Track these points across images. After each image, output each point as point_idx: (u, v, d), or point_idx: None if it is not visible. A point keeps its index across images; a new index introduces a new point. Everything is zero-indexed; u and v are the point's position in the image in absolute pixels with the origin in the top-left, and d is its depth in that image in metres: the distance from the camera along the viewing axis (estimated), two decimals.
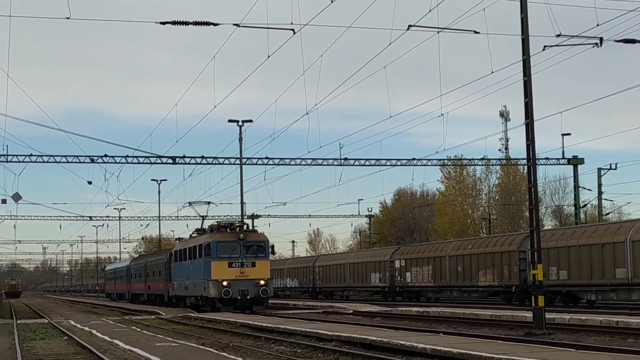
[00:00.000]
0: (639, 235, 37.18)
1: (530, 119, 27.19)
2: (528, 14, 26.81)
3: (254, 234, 46.43)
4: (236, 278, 41.82)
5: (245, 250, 43.00)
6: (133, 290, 76.54)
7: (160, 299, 61.37)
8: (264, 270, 43.49)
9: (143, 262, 71.48)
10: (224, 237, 44.08)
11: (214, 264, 42.32)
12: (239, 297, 41.31)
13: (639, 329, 25.61)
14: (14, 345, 25.02)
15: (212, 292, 41.86)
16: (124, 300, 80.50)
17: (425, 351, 18.70)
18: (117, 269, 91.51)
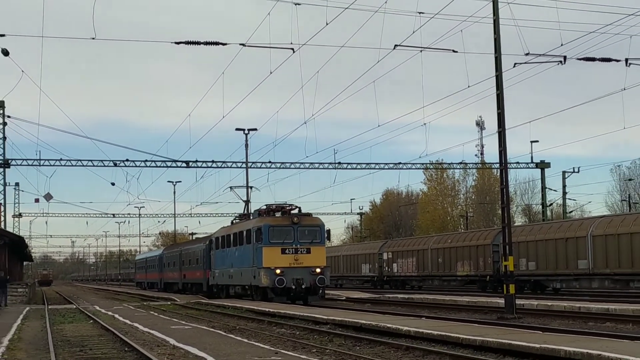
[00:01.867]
0: (598, 230, 37.23)
1: (502, 128, 27.21)
2: (500, 35, 26.87)
3: (308, 217, 37.30)
4: (290, 265, 34.53)
5: (300, 236, 35.25)
6: (166, 279, 68.25)
7: (197, 287, 54.07)
8: (319, 257, 35.64)
9: (178, 251, 62.79)
10: (277, 221, 36.30)
11: (266, 250, 34.76)
12: (294, 286, 34.11)
13: (599, 313, 25.68)
14: (45, 328, 24.99)
15: (263, 281, 34.49)
16: (155, 289, 73.06)
17: (409, 333, 18.73)
18: (147, 259, 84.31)
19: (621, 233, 35.69)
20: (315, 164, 59.63)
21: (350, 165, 60.46)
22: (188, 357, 15.99)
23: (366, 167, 61.06)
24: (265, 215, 37.91)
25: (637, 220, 36.45)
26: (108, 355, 17.21)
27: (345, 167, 60.49)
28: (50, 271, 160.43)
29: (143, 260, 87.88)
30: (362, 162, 61.05)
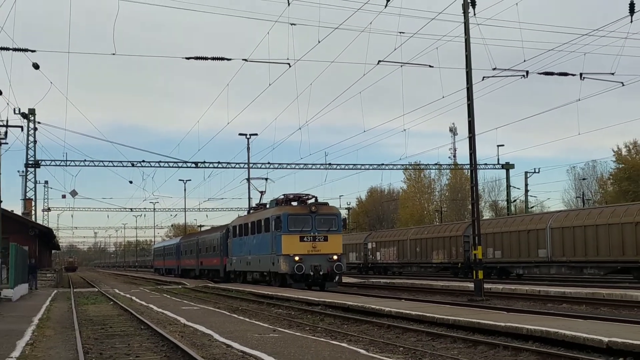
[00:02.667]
0: (556, 224, 37.33)
1: (472, 134, 27.23)
2: (471, 52, 26.89)
3: (325, 206, 34.43)
4: (308, 253, 31.87)
5: (317, 224, 32.52)
6: (183, 266, 64.88)
7: (214, 274, 50.84)
8: (336, 244, 32.88)
9: (195, 240, 59.85)
10: (295, 209, 33.27)
11: (285, 238, 32.12)
12: (312, 272, 31.46)
13: (557, 296, 25.79)
14: (71, 309, 24.95)
15: (282, 268, 31.94)
16: (171, 275, 69.98)
17: (391, 313, 18.75)
18: (165, 247, 79.82)
19: (576, 226, 35.80)
20: (308, 164, 59.80)
21: (339, 166, 60.65)
22: (196, 334, 15.99)
23: (353, 168, 61.29)
24: (283, 204, 34.77)
25: (589, 215, 36.58)
26: (126, 333, 17.19)
27: (335, 168, 60.66)
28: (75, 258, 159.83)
29: (161, 248, 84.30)
30: (350, 163, 61.35)
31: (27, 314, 22.02)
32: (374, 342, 14.34)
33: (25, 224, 51.40)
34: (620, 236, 32.99)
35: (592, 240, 34.57)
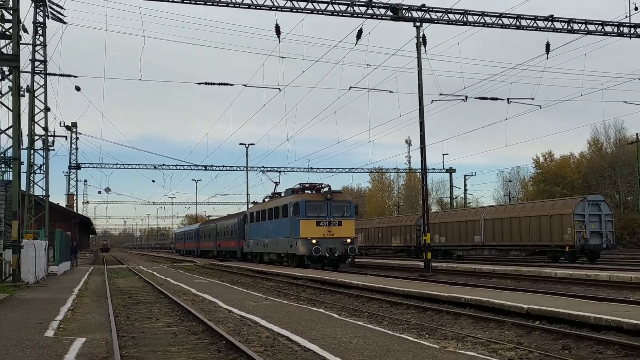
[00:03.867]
0: (488, 216, 37.56)
1: (423, 145, 27.33)
2: (422, 81, 27.00)
3: (339, 194, 31.32)
4: (324, 236, 28.84)
5: (332, 210, 29.34)
6: (202, 248, 60.95)
7: (231, 254, 47.58)
8: (349, 229, 29.62)
9: (213, 225, 56.54)
10: (312, 197, 30.17)
11: (303, 223, 29.03)
12: (327, 254, 28.43)
13: (488, 272, 25.90)
14: (104, 281, 24.78)
15: (301, 250, 28.91)
16: (191, 256, 65.76)
17: (358, 285, 18.77)
18: (186, 232, 75.89)
19: (503, 217, 36.04)
20: (294, 168, 60.16)
21: (318, 170, 61.06)
22: (204, 301, 15.92)
23: (329, 171, 61.61)
24: (301, 192, 31.64)
25: (514, 209, 36.87)
26: (148, 300, 17.10)
27: (315, 171, 61.06)
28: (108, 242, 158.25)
29: (182, 233, 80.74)
30: (327, 167, 61.68)
31: (69, 285, 21.85)
32: (344, 309, 14.35)
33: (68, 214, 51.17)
34: (537, 226, 33.25)
35: (515, 229, 34.83)
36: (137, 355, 8.64)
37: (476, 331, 10.69)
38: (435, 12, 24.72)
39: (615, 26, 26.01)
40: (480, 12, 24.99)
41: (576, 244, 30.91)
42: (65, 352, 8.32)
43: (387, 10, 24.14)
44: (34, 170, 33.33)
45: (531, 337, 9.98)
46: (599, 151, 75.62)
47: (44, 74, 32.59)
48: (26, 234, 26.29)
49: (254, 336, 9.95)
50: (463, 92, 29.62)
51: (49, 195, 35.02)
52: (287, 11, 23.16)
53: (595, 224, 31.52)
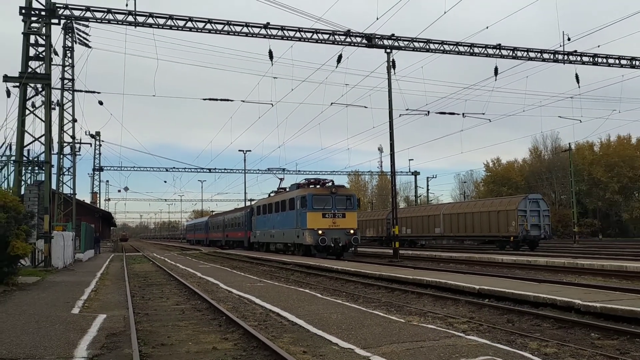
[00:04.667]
0: (447, 211, 37.77)
1: (392, 152, 27.43)
2: (392, 98, 27.10)
3: (343, 188, 28.95)
4: (329, 227, 26.83)
5: (337, 203, 27.22)
6: (211, 238, 58.03)
7: (238, 244, 44.92)
8: (352, 220, 27.51)
9: (222, 218, 53.62)
10: (318, 191, 27.72)
11: (310, 215, 26.88)
12: (332, 244, 26.38)
13: (446, 258, 26.02)
14: (123, 267, 24.54)
15: (308, 240, 26.73)
16: (200, 245, 62.63)
17: (338, 269, 18.76)
18: (196, 224, 72.81)
19: (459, 213, 36.25)
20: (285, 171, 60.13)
21: (305, 172, 60.99)
22: (208, 283, 15.84)
23: (314, 174, 61.46)
24: (306, 187, 29.08)
25: (468, 206, 37.08)
26: (160, 282, 16.96)
27: (302, 173, 61.16)
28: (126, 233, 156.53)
29: (192, 225, 77.39)
30: (312, 170, 61.58)
31: (92, 270, 21.62)
32: (326, 289, 14.35)
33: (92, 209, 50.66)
34: (487, 219, 33.49)
35: (469, 222, 35.05)
36: (150, 329, 8.57)
37: (436, 308, 10.73)
38: (402, 40, 24.81)
39: (552, 54, 26.29)
40: (440, 41, 25.13)
41: (519, 235, 31.19)
42: (89, 327, 8.24)
43: (362, 39, 24.20)
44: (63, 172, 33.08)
45: (481, 312, 10.04)
46: (538, 157, 76.31)
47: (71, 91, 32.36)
48: (56, 226, 26.06)
49: (249, 312, 9.92)
50: (426, 107, 29.93)
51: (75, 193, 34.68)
52: (279, 39, 23.14)
53: (535, 218, 31.84)
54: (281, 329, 8.15)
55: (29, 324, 8.50)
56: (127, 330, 7.98)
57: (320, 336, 7.35)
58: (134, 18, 21.08)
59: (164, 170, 56.82)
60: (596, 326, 8.07)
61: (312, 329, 7.85)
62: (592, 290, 11.12)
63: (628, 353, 6.65)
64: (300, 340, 7.22)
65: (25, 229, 14.57)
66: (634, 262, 18.56)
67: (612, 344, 7.20)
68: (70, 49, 31.86)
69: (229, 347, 7.05)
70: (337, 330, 7.70)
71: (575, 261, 19.82)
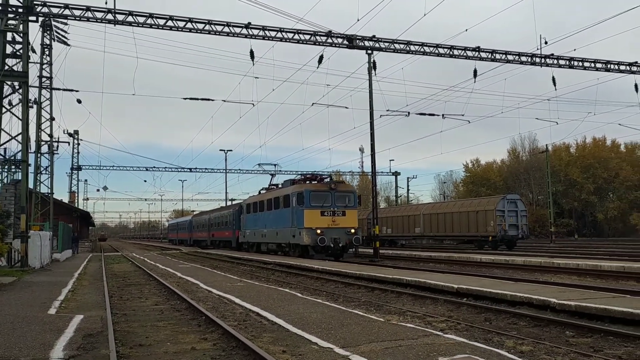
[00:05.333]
0: (426, 211, 38.02)
1: (373, 152, 27.52)
2: (373, 98, 27.19)
3: (343, 184, 27.02)
4: (328, 226, 24.61)
5: (336, 200, 25.05)
6: (195, 238, 55.56)
7: (225, 244, 42.32)
8: (353, 219, 25.43)
9: (207, 216, 50.79)
10: (316, 187, 25.53)
11: (307, 213, 24.63)
12: (332, 244, 24.22)
13: (425, 258, 26.13)
14: (101, 266, 24.22)
15: (305, 240, 24.45)
16: (182, 245, 60.51)
17: (318, 269, 18.75)
18: (179, 223, 69.61)
19: (439, 212, 36.52)
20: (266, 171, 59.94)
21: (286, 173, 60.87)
22: (188, 283, 15.72)
23: (297, 174, 61.49)
24: (303, 183, 26.88)
25: (447, 206, 37.38)
26: (139, 283, 16.78)
27: (284, 173, 60.82)
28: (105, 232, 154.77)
29: (175, 224, 73.45)
30: (293, 170, 61.44)
31: (70, 270, 21.30)
32: (306, 289, 14.34)
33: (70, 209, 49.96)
34: (466, 219, 33.80)
35: (449, 222, 35.33)
36: (128, 329, 8.47)
37: (415, 307, 10.79)
38: (383, 42, 24.91)
39: (529, 57, 26.62)
40: (421, 43, 25.28)
41: (497, 235, 31.53)
42: (66, 327, 8.11)
43: (343, 39, 24.23)
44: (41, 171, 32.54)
45: (460, 311, 10.13)
46: (516, 158, 77.26)
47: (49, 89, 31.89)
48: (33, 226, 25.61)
49: (229, 312, 9.86)
50: (406, 108, 29.99)
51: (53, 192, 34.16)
52: (260, 39, 23.07)
53: (513, 218, 32.22)
54: (261, 328, 8.12)
55: (3, 324, 8.35)
56: (105, 331, 7.88)
57: (300, 335, 7.34)
58: (113, 16, 20.82)
59: (144, 169, 56.29)
60: (571, 324, 8.19)
61: (292, 329, 7.84)
62: (567, 289, 11.29)
63: (601, 350, 6.77)
64: (279, 339, 7.21)
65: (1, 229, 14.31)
66: (608, 262, 18.91)
67: (586, 341, 7.32)
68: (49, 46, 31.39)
69: (208, 347, 7.01)
70: (316, 330, 7.69)
71: (552, 260, 20.11)
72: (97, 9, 20.88)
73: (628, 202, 66.17)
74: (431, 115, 31.57)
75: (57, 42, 30.93)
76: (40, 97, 31.40)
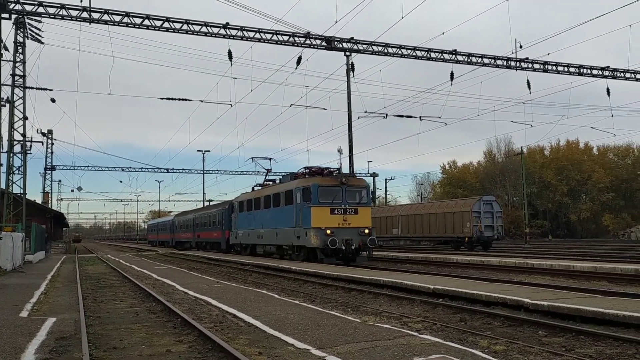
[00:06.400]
0: (404, 212, 38.27)
1: (351, 153, 27.62)
2: (351, 100, 27.30)
3: (354, 178, 23.38)
4: (339, 226, 21.37)
5: (348, 196, 21.80)
6: (177, 239, 51.68)
7: (212, 246, 39.20)
8: (366, 217, 22.11)
9: (191, 216, 46.83)
10: (325, 180, 22.15)
11: (315, 211, 21.40)
12: (344, 247, 20.96)
13: (403, 259, 26.30)
14: (75, 268, 23.83)
15: (313, 242, 21.20)
16: (163, 247, 57.39)
17: (296, 270, 18.67)
18: (159, 223, 65.50)
19: (416, 214, 36.80)
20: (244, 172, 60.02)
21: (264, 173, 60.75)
22: (164, 285, 15.55)
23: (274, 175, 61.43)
24: (308, 176, 23.91)
25: (425, 207, 37.70)
26: (114, 285, 16.54)
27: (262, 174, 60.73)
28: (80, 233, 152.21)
29: (155, 224, 68.87)
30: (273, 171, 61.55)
31: (43, 272, 20.91)
32: (284, 290, 14.30)
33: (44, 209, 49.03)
34: (443, 220, 34.13)
35: (426, 223, 35.62)
36: (102, 332, 8.35)
37: (391, 307, 10.85)
38: (361, 44, 25.03)
39: (505, 60, 27.03)
40: (398, 45, 25.47)
41: (473, 236, 31.91)
42: (38, 331, 7.96)
43: (322, 41, 24.28)
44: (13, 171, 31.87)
45: (435, 312, 10.21)
46: (492, 160, 78.30)
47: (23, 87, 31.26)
48: (5, 227, 25.09)
49: (205, 314, 9.79)
50: (384, 110, 30.26)
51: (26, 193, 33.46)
52: (239, 39, 22.98)
53: (489, 219, 32.66)
54: (237, 330, 8.08)
55: None
56: (78, 334, 7.75)
57: (277, 337, 7.32)
58: (88, 14, 20.53)
59: (120, 169, 55.64)
60: (543, 324, 8.33)
61: (269, 330, 7.82)
62: (540, 289, 11.47)
63: (573, 350, 6.89)
64: (256, 341, 7.18)
65: None
66: (581, 262, 19.27)
67: (559, 341, 7.45)
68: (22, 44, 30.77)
69: (184, 350, 6.95)
70: (293, 331, 7.68)
71: (526, 261, 20.42)
72: (72, 7, 20.57)
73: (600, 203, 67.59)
74: (409, 117, 31.82)
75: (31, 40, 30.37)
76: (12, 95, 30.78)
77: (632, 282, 14.66)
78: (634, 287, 13.85)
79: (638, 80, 29.38)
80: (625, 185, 68.82)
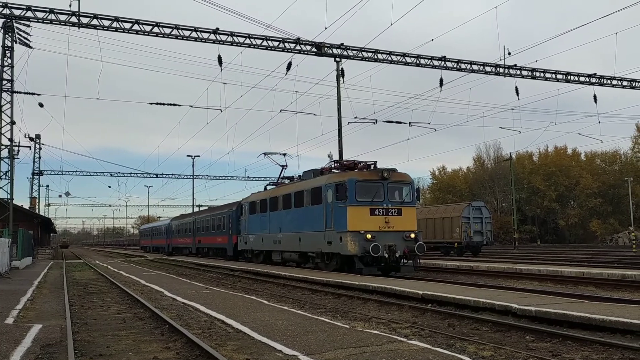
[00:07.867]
0: None
1: (341, 159, 27.63)
2: (341, 106, 27.36)
3: (397, 173, 18.87)
4: (380, 229, 17.67)
5: (390, 194, 18.13)
6: (174, 244, 47.82)
7: (216, 252, 35.76)
8: (411, 219, 18.49)
9: (191, 219, 42.51)
10: (364, 175, 18.22)
11: (352, 211, 17.67)
12: (386, 254, 17.23)
13: None
14: (62, 274, 23.62)
15: (350, 248, 17.45)
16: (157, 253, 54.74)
17: (286, 276, 18.65)
18: (153, 228, 61.47)
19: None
20: (234, 177, 59.91)
21: (254, 178, 60.88)
22: (152, 291, 15.45)
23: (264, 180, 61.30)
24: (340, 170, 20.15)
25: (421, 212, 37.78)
26: (102, 291, 16.41)
27: (252, 180, 61.01)
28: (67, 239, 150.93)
29: (149, 229, 64.32)
30: (262, 177, 61.65)
31: (29, 278, 20.70)
32: (273, 296, 14.27)
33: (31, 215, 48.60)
34: (433, 226, 34.22)
35: None
36: (88, 339, 8.28)
37: (380, 313, 10.86)
38: (351, 50, 25.13)
39: (494, 67, 27.24)
40: (388, 52, 25.60)
41: (463, 241, 32.03)
42: (23, 338, 7.88)
43: (312, 47, 24.35)
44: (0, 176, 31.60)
45: (424, 317, 10.23)
46: (481, 166, 78.76)
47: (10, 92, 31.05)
48: None
49: (193, 320, 9.74)
50: (374, 116, 30.22)
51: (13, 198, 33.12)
52: (229, 45, 22.99)
53: (478, 224, 32.79)
54: (225, 336, 8.04)
55: None
56: (64, 341, 7.68)
57: (265, 343, 7.30)
58: (77, 19, 20.45)
59: (109, 175, 55.30)
60: (531, 329, 8.38)
61: (257, 336, 7.79)
62: (528, 294, 11.54)
63: (560, 355, 6.94)
64: (244, 347, 7.15)
65: None
66: (568, 267, 19.41)
67: (546, 346, 7.49)
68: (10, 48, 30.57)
69: (171, 357, 6.91)
70: (282, 337, 7.67)
71: (515, 266, 20.52)
72: (61, 12, 20.49)
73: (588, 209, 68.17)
74: (398, 123, 31.90)
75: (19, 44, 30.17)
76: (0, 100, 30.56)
77: (618, 287, 14.79)
78: (620, 292, 13.98)
79: (624, 87, 29.74)
80: (612, 191, 69.49)
